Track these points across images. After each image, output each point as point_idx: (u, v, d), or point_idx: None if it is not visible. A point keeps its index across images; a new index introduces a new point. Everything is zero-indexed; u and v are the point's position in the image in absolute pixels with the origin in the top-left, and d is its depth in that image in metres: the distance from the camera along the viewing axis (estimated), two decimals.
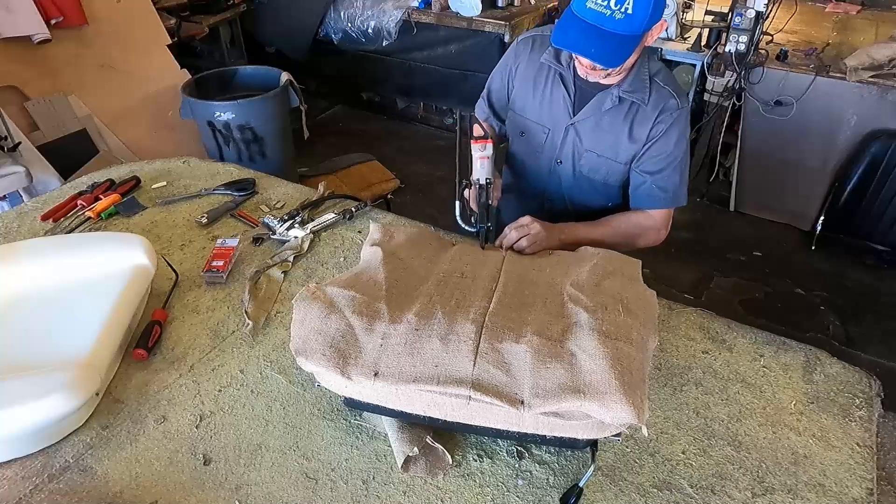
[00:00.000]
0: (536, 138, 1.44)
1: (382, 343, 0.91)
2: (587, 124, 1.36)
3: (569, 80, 1.35)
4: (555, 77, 1.37)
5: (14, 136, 2.27)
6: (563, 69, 1.35)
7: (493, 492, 0.90)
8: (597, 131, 1.36)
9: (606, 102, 1.32)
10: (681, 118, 1.32)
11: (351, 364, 0.89)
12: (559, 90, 1.37)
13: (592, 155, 1.39)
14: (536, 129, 1.43)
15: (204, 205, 1.56)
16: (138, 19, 3.10)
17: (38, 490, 0.90)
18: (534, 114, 1.43)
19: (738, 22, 2.76)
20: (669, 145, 1.33)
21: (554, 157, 1.44)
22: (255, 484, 0.91)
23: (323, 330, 0.93)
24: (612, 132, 1.35)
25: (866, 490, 0.90)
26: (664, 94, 1.31)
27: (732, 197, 3.28)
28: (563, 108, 1.37)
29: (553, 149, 1.43)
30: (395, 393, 0.89)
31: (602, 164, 1.39)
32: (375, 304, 0.96)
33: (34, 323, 1.11)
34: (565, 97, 1.36)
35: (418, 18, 3.59)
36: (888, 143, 2.67)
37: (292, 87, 3.07)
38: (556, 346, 0.90)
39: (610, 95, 1.31)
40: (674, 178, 1.36)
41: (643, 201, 1.40)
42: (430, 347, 0.90)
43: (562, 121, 1.39)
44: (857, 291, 2.80)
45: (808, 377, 1.08)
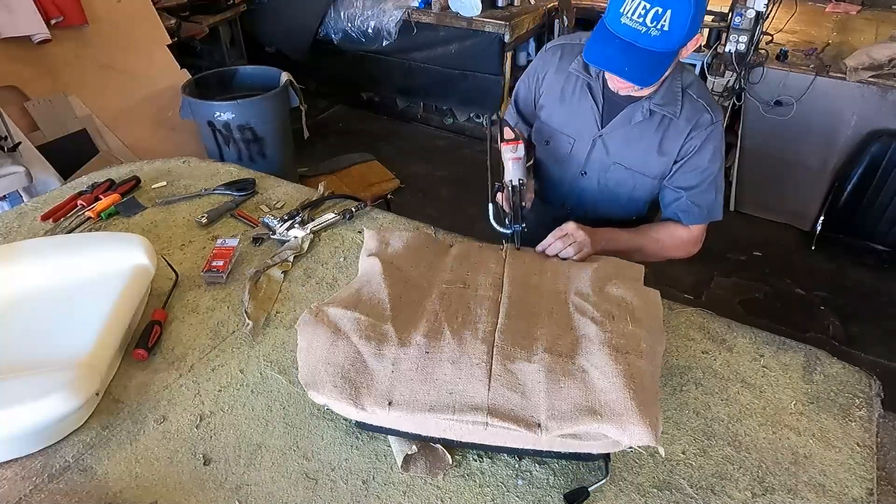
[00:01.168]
0: (562, 148, 1.41)
1: (394, 369, 0.90)
2: (615, 136, 1.33)
3: (597, 91, 1.32)
4: (583, 87, 1.34)
5: (14, 136, 2.27)
6: (592, 79, 1.32)
7: (493, 492, 0.90)
8: (625, 144, 1.33)
9: (637, 115, 1.29)
10: (715, 133, 1.28)
11: (363, 394, 0.88)
12: (587, 101, 1.34)
13: (620, 168, 1.36)
14: (562, 139, 1.40)
15: (204, 205, 1.56)
16: (138, 19, 3.10)
17: (38, 490, 0.90)
18: (560, 123, 1.40)
19: (738, 22, 2.76)
20: (704, 161, 1.29)
21: (579, 167, 1.41)
22: (255, 484, 0.91)
23: (331, 360, 0.92)
24: (642, 145, 1.31)
25: (866, 490, 0.90)
26: (698, 108, 1.27)
27: (732, 197, 3.28)
28: (591, 119, 1.34)
29: (578, 159, 1.40)
30: (409, 419, 0.89)
31: (630, 177, 1.37)
32: (382, 327, 0.95)
33: (34, 323, 1.11)
34: (593, 108, 1.33)
35: (418, 18, 3.59)
36: (888, 143, 2.67)
37: (292, 87, 3.07)
38: (567, 362, 0.89)
39: (640, 108, 1.28)
40: (709, 194, 1.32)
41: (676, 215, 1.36)
42: (443, 372, 0.89)
43: (589, 132, 1.36)
44: (857, 291, 2.80)
45: (808, 377, 1.08)
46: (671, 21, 1.04)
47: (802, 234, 3.13)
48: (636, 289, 1.07)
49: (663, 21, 1.04)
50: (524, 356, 0.91)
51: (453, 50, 3.60)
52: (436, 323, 0.97)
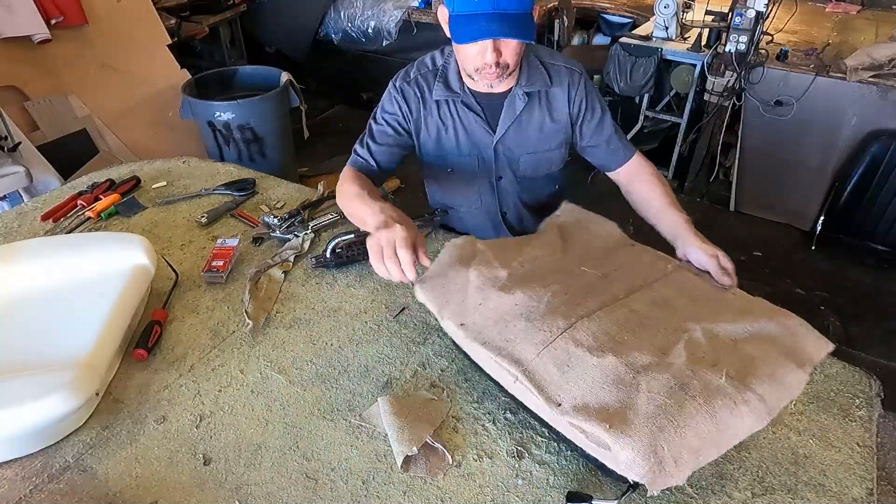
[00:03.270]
0: (467, 169, 1.43)
1: (482, 303, 1.00)
2: (510, 133, 1.36)
3: (472, 103, 1.33)
4: (458, 106, 1.34)
5: (14, 136, 2.27)
6: (461, 95, 1.33)
7: (493, 492, 0.89)
8: (521, 133, 1.37)
9: (517, 104, 1.32)
10: (586, 81, 1.35)
11: (445, 310, 1.01)
12: (469, 116, 1.35)
13: (528, 156, 1.40)
14: (463, 162, 1.42)
15: (204, 205, 1.56)
16: (138, 19, 3.10)
17: (38, 490, 0.90)
18: (454, 149, 1.40)
19: (738, 22, 2.76)
20: (597, 109, 1.37)
21: (492, 176, 1.44)
22: (255, 484, 0.91)
23: (447, 273, 1.07)
24: (535, 127, 1.36)
25: (866, 490, 0.90)
26: (562, 72, 1.33)
27: (732, 197, 3.28)
28: (482, 131, 1.36)
29: (488, 170, 1.43)
30: (468, 344, 0.98)
31: (541, 159, 1.41)
32: (498, 270, 1.06)
33: (34, 323, 1.11)
34: (478, 119, 1.34)
35: (418, 18, 3.59)
36: (888, 143, 2.67)
37: (292, 87, 3.07)
38: (628, 374, 0.87)
39: (516, 97, 1.32)
40: (617, 130, 1.40)
41: (618, 160, 1.40)
42: (514, 324, 0.96)
43: (486, 143, 1.38)
44: (858, 291, 2.80)
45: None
46: None
47: (802, 234, 3.13)
48: (781, 365, 0.91)
49: None
50: (591, 349, 0.91)
51: None
52: (543, 291, 1.01)
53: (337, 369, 1.10)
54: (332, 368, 1.10)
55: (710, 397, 0.83)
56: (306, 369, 1.10)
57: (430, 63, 1.38)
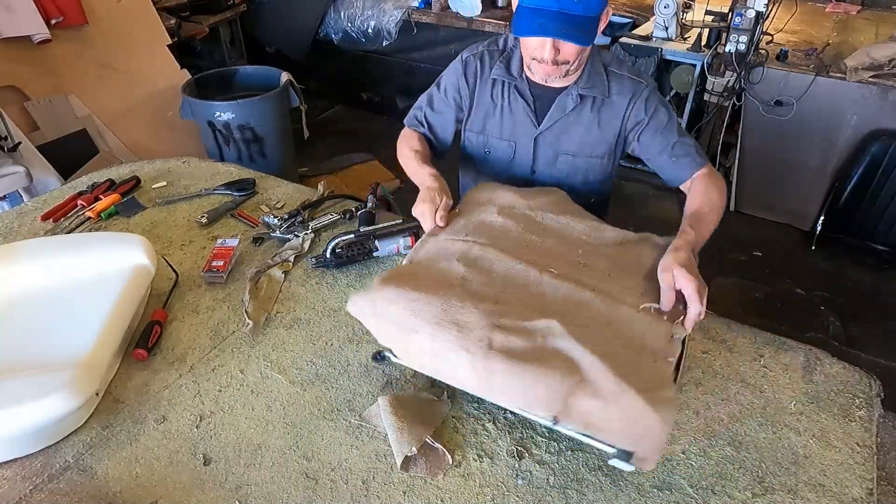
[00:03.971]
0: (504, 154, 1.44)
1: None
2: (554, 129, 1.36)
3: (525, 91, 1.35)
4: (510, 90, 1.36)
5: (14, 136, 2.27)
6: (517, 80, 1.34)
7: (493, 492, 0.89)
8: (565, 134, 1.36)
9: (568, 103, 1.33)
10: (653, 93, 1.34)
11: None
12: (518, 102, 1.36)
13: (568, 157, 1.40)
14: (502, 145, 1.43)
15: (204, 205, 1.56)
16: (138, 19, 3.10)
17: (38, 490, 0.90)
18: (496, 131, 1.42)
19: (738, 22, 2.76)
20: (662, 119, 1.34)
21: (528, 168, 1.44)
22: (255, 484, 0.91)
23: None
24: (580, 130, 1.35)
25: (866, 490, 0.90)
26: (626, 82, 1.32)
27: (733, 197, 3.28)
28: (527, 120, 1.37)
29: (525, 161, 1.43)
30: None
31: (580, 163, 1.40)
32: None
33: (34, 323, 1.11)
34: (526, 108, 1.36)
35: (418, 18, 3.60)
36: (888, 143, 2.67)
37: (292, 87, 3.07)
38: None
39: (570, 96, 1.32)
40: (685, 140, 1.34)
41: (684, 173, 1.34)
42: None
43: (528, 132, 1.38)
44: (858, 291, 2.80)
45: (808, 377, 1.08)
46: None
47: (802, 234, 3.13)
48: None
49: None
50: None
51: (453, 50, 3.59)
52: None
53: (337, 369, 1.10)
54: (332, 368, 1.10)
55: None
56: (306, 369, 1.10)
57: (502, 43, 1.40)
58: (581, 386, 0.84)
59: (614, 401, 0.83)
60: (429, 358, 0.94)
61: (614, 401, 0.83)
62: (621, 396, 0.83)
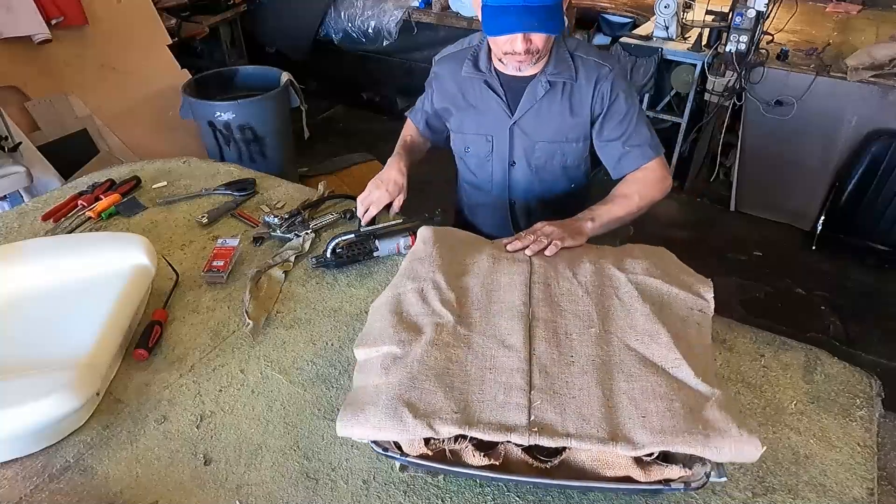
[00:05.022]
0: (482, 149, 1.46)
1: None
2: (528, 117, 1.38)
3: (495, 84, 1.37)
4: (481, 86, 1.38)
5: (14, 136, 2.27)
6: (487, 76, 1.37)
7: (494, 492, 0.89)
8: (539, 120, 1.38)
9: (538, 90, 1.34)
10: (618, 78, 1.33)
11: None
12: (489, 96, 1.38)
13: (544, 144, 1.41)
14: (479, 141, 1.45)
15: (204, 205, 1.56)
16: (139, 19, 3.10)
17: (39, 490, 0.90)
18: (472, 127, 1.44)
19: (738, 22, 2.75)
20: (621, 106, 1.34)
21: (506, 160, 1.45)
22: (256, 484, 0.91)
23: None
24: (554, 115, 1.37)
25: (867, 490, 0.90)
26: (591, 66, 1.33)
27: (733, 197, 3.28)
28: (500, 111, 1.39)
29: (502, 153, 1.44)
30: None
31: (556, 149, 1.41)
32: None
33: (34, 323, 1.11)
34: (498, 101, 1.38)
35: (419, 18, 3.59)
36: (888, 142, 2.67)
37: (292, 87, 3.07)
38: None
39: (539, 83, 1.33)
40: (641, 131, 1.35)
41: (628, 165, 1.37)
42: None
43: (502, 124, 1.40)
44: (858, 291, 2.80)
45: (809, 377, 1.08)
46: None
47: (803, 234, 3.13)
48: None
49: None
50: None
51: None
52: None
53: (337, 369, 1.10)
54: (332, 368, 1.10)
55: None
56: (307, 369, 1.10)
57: (468, 42, 1.44)
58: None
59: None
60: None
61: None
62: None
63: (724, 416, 0.80)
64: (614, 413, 0.82)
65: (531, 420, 0.81)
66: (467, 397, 0.84)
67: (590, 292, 1.01)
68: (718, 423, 0.79)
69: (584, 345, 0.92)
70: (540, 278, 1.04)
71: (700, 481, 0.79)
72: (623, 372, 0.87)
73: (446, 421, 0.80)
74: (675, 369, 0.87)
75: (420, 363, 0.87)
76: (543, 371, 0.87)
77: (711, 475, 0.79)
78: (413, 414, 0.81)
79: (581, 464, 0.83)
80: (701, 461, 0.80)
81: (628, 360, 0.89)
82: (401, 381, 0.85)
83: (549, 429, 0.80)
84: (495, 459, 0.82)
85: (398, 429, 0.80)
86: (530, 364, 0.88)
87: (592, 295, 1.00)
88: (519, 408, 0.82)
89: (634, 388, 0.85)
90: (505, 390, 0.84)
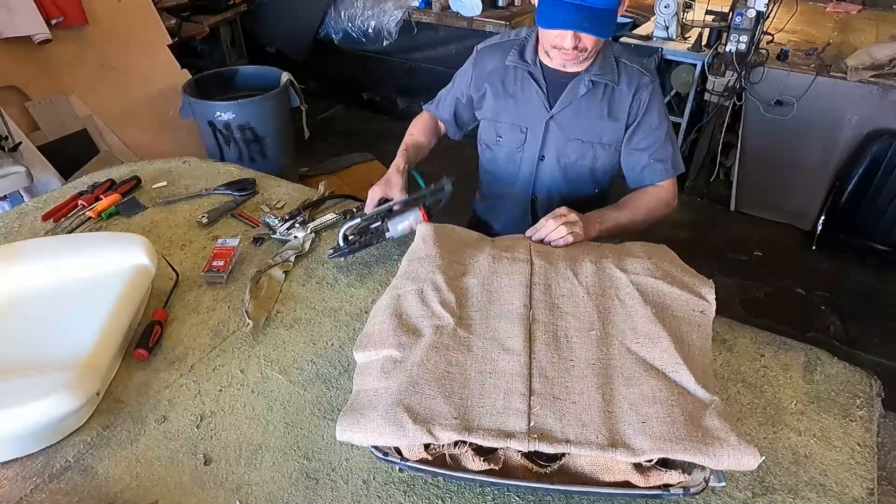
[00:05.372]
0: (514, 141, 1.46)
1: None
2: (566, 114, 1.38)
3: (538, 75, 1.38)
4: (524, 76, 1.39)
5: (14, 136, 2.27)
6: (531, 66, 1.38)
7: (494, 492, 0.89)
8: (577, 118, 1.38)
9: (580, 88, 1.35)
10: (656, 91, 1.37)
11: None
12: (530, 87, 1.39)
13: (577, 142, 1.41)
14: (513, 132, 1.45)
15: (204, 205, 1.56)
16: (139, 19, 3.10)
17: (39, 490, 0.90)
18: (508, 116, 1.44)
19: (738, 22, 2.75)
20: (654, 119, 1.37)
21: (536, 153, 1.45)
22: (256, 484, 0.91)
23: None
24: (592, 116, 1.38)
25: (867, 490, 0.90)
26: (634, 73, 1.36)
27: (733, 197, 3.28)
28: (539, 104, 1.39)
29: (534, 146, 1.44)
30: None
31: (588, 149, 1.42)
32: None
33: (34, 323, 1.11)
34: (538, 92, 1.38)
35: (419, 18, 3.59)
36: (889, 142, 2.67)
37: (293, 87, 3.07)
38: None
39: (582, 81, 1.34)
40: (667, 147, 1.40)
41: (648, 177, 1.41)
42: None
43: (539, 116, 1.40)
44: (858, 291, 2.80)
45: (809, 377, 1.08)
46: None
47: (803, 234, 3.13)
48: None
49: None
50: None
51: (454, 50, 3.60)
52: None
53: (337, 369, 1.10)
54: (332, 368, 1.10)
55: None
56: (307, 369, 1.10)
57: (515, 34, 1.45)
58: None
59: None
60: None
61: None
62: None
63: (724, 425, 0.80)
64: (614, 419, 0.82)
65: (531, 426, 0.81)
66: (467, 402, 0.84)
67: (591, 293, 1.01)
68: (718, 431, 0.79)
69: (585, 348, 0.92)
70: (540, 278, 1.04)
71: (699, 487, 0.79)
72: (623, 376, 0.87)
73: (446, 427, 0.80)
74: (674, 374, 0.87)
75: (420, 367, 0.87)
76: (543, 375, 0.87)
77: (710, 480, 0.79)
78: (413, 419, 0.80)
79: (580, 468, 0.83)
80: (700, 467, 0.80)
81: (628, 364, 0.89)
82: (400, 385, 0.85)
83: (549, 435, 0.80)
84: (495, 464, 0.82)
85: (398, 434, 0.80)
86: (530, 368, 0.88)
87: (593, 296, 1.00)
88: (518, 413, 0.82)
89: (634, 393, 0.85)
90: (505, 395, 0.84)
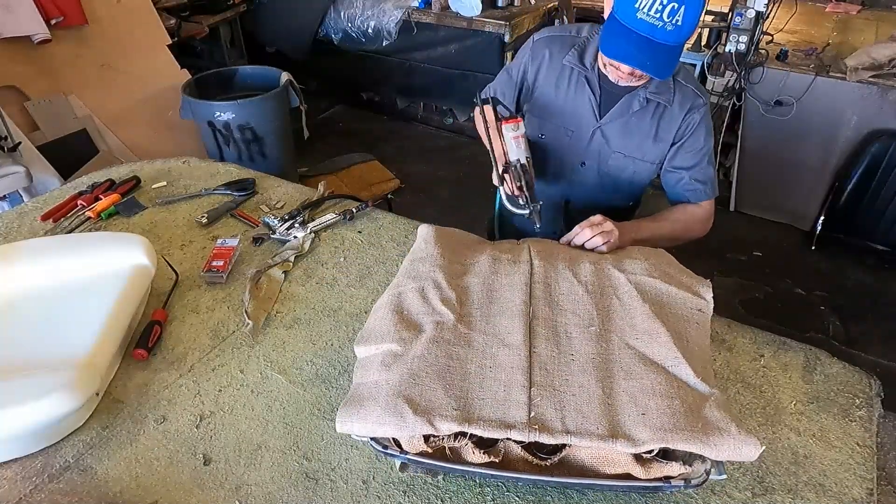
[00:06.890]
0: (559, 139, 1.44)
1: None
2: (614, 126, 1.37)
3: (594, 83, 1.35)
4: (579, 79, 1.37)
5: (14, 136, 2.26)
6: (588, 71, 1.35)
7: (494, 492, 0.89)
8: (624, 133, 1.37)
9: (634, 104, 1.33)
10: (707, 113, 1.37)
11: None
12: (584, 92, 1.36)
13: (620, 156, 1.40)
14: (559, 131, 1.43)
15: (204, 205, 1.56)
16: (138, 19, 3.10)
17: (39, 490, 0.90)
18: (557, 115, 1.42)
19: (738, 22, 2.76)
20: (700, 141, 1.36)
21: (578, 158, 1.44)
22: (255, 484, 0.91)
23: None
24: (639, 133, 1.36)
25: (866, 490, 0.90)
26: (688, 93, 1.34)
27: (733, 197, 3.28)
28: (589, 111, 1.37)
29: (577, 150, 1.43)
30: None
31: (629, 163, 1.41)
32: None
33: (34, 323, 1.11)
34: (591, 99, 1.36)
35: (418, 18, 3.59)
36: (888, 143, 2.67)
37: (292, 87, 3.07)
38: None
39: (637, 97, 1.32)
40: (709, 170, 1.40)
41: (685, 196, 1.41)
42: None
43: (587, 123, 1.39)
44: (858, 291, 2.80)
45: (808, 377, 1.08)
46: (685, 16, 1.09)
47: (803, 234, 3.13)
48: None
49: (678, 16, 1.08)
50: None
51: (453, 50, 3.60)
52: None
53: (337, 369, 1.10)
54: (332, 368, 1.10)
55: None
56: (306, 369, 1.10)
57: (577, 31, 1.40)
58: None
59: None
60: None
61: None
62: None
63: (724, 416, 0.80)
64: (614, 410, 0.82)
65: (531, 417, 0.81)
66: (467, 394, 0.84)
67: (590, 292, 1.01)
68: (718, 421, 0.80)
69: (584, 343, 0.92)
70: (540, 278, 1.04)
71: (700, 478, 0.79)
72: (623, 370, 0.88)
73: (446, 417, 0.80)
74: (674, 368, 0.88)
75: (420, 360, 0.88)
76: (543, 368, 0.88)
77: (711, 473, 0.79)
78: (413, 410, 0.81)
79: (581, 461, 0.83)
80: (701, 459, 0.80)
81: (628, 359, 0.89)
82: (401, 377, 0.86)
83: (549, 426, 0.80)
84: (495, 457, 0.82)
85: (398, 424, 0.81)
86: (530, 362, 0.89)
87: (592, 294, 1.01)
88: (519, 404, 0.82)
89: (634, 386, 0.85)
90: (505, 387, 0.85)
